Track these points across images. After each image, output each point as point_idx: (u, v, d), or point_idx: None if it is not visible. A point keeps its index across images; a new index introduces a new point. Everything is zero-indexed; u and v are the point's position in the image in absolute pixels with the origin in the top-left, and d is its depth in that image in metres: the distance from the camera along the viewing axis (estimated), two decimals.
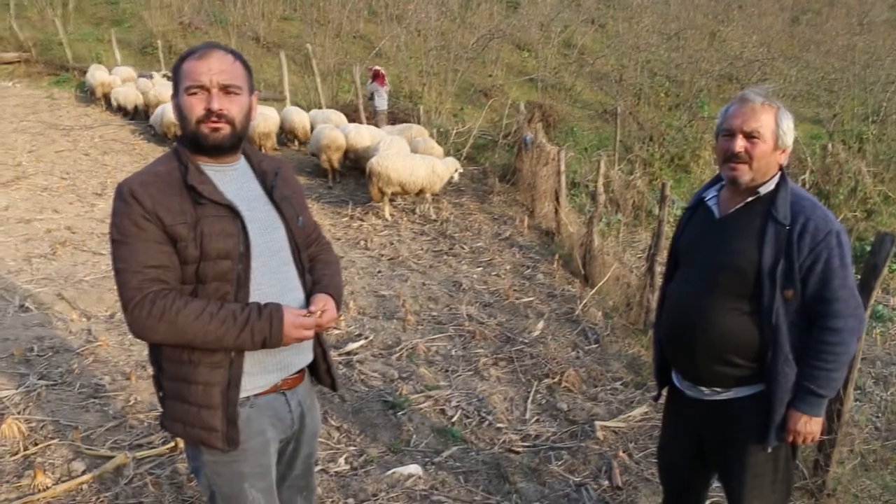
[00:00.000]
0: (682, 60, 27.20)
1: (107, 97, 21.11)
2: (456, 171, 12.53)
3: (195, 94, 2.42)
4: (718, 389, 3.10)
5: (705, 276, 3.06)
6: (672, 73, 26.78)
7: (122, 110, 20.00)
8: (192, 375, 2.45)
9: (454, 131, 18.46)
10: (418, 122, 18.29)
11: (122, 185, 2.41)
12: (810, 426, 2.94)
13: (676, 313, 3.20)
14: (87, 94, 22.21)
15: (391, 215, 12.33)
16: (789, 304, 2.88)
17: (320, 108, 19.11)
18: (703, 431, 3.24)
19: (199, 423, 2.46)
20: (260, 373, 2.56)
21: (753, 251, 2.90)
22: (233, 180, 2.58)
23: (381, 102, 19.08)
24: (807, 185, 14.66)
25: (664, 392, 3.56)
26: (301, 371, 2.75)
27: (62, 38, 26.56)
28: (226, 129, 2.46)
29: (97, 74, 21.34)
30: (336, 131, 14.63)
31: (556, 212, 11.90)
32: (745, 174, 2.94)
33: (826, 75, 27.08)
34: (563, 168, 11.82)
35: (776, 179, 2.98)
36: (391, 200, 12.52)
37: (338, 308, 2.69)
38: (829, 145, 16.53)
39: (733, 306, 2.97)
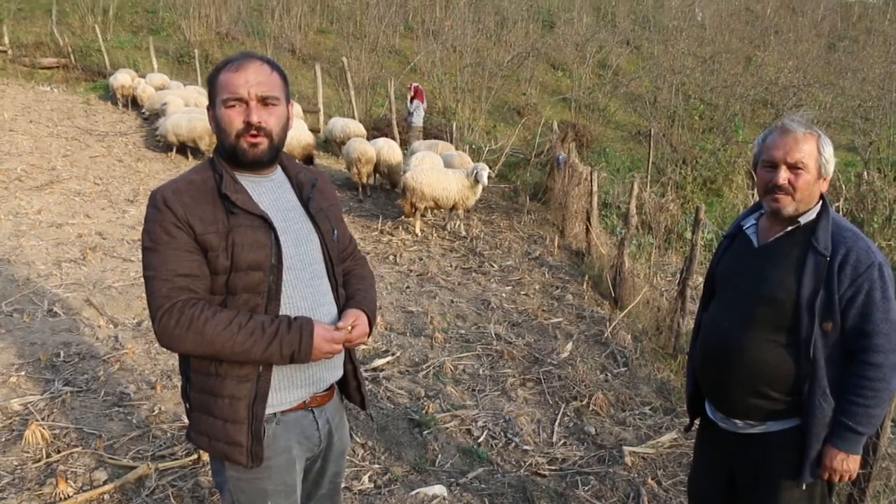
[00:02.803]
0: (716, 84, 27.12)
1: (126, 98, 22.04)
2: (481, 170, 11.90)
3: (233, 106, 2.39)
4: (752, 422, 3.02)
5: (742, 306, 2.99)
6: (706, 97, 26.69)
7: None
8: (219, 388, 2.42)
9: (486, 148, 18.46)
10: (451, 139, 18.33)
11: (155, 192, 2.39)
12: (847, 464, 2.86)
13: (711, 343, 3.13)
14: (111, 96, 22.65)
15: (421, 231, 12.31)
16: (828, 337, 2.81)
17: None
18: (735, 464, 3.17)
19: (223, 437, 2.43)
20: (288, 388, 2.52)
21: (792, 282, 2.83)
22: (269, 191, 2.56)
23: (419, 119, 19.20)
24: (840, 213, 14.46)
25: (696, 422, 3.50)
26: (331, 388, 2.71)
27: (101, 44, 26.94)
28: (264, 144, 2.44)
29: (119, 77, 21.97)
30: (366, 144, 14.75)
31: (587, 232, 11.83)
32: (788, 206, 2.88)
33: (862, 103, 26.86)
34: (595, 188, 11.76)
35: (817, 209, 2.92)
36: (422, 216, 12.49)
37: (371, 324, 2.64)
38: (865, 173, 16.34)
39: (770, 338, 2.90)
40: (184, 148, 16.52)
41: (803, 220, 2.90)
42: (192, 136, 15.98)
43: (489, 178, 12.11)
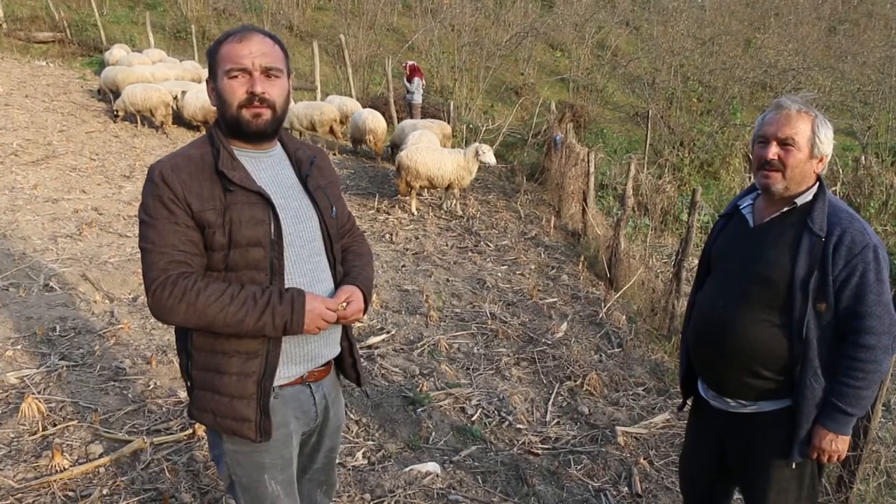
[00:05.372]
0: (715, 66, 27.00)
1: None
2: (482, 153, 11.92)
3: (236, 77, 2.38)
4: (744, 402, 3.04)
5: (736, 286, 3.00)
6: (705, 79, 26.59)
7: None
8: (225, 366, 2.42)
9: (484, 128, 18.44)
10: (448, 118, 18.35)
11: (153, 167, 2.39)
12: (836, 444, 2.87)
13: (705, 322, 3.14)
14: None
15: (417, 210, 12.30)
16: (821, 318, 2.82)
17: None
18: (727, 443, 3.19)
19: (231, 413, 2.44)
20: (287, 363, 2.52)
21: (786, 262, 2.83)
22: (268, 167, 2.55)
23: (419, 97, 19.23)
24: (835, 195, 14.40)
25: (689, 402, 3.52)
26: (328, 363, 2.72)
27: (97, 19, 26.77)
28: (267, 115, 2.44)
29: (115, 52, 21.73)
30: (329, 105, 16.58)
31: (584, 213, 11.83)
32: (777, 182, 2.88)
33: (861, 87, 26.75)
34: (592, 169, 11.74)
35: (814, 190, 2.92)
36: (418, 195, 12.49)
37: (367, 301, 2.64)
38: (862, 157, 16.32)
39: (763, 317, 2.91)
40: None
41: (799, 201, 2.91)
42: (147, 105, 16.10)
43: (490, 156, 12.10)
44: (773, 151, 2.86)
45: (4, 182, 10.70)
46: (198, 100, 16.22)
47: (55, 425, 4.74)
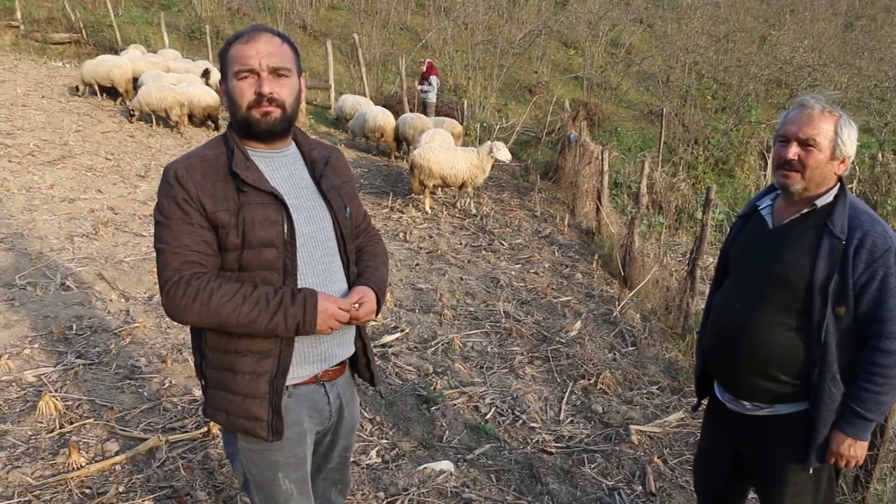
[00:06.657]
0: (730, 63, 26.89)
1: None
2: (497, 150, 11.91)
3: (245, 78, 2.39)
4: (760, 404, 3.01)
5: (754, 288, 2.97)
6: (720, 76, 26.48)
7: None
8: (238, 365, 2.43)
9: (497, 126, 18.43)
10: (462, 117, 18.39)
11: (168, 167, 2.40)
12: (854, 450, 2.83)
13: (722, 324, 3.11)
14: None
15: (431, 208, 12.31)
16: (840, 322, 2.77)
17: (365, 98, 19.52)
18: (742, 445, 3.16)
19: (243, 412, 2.45)
20: (300, 363, 2.53)
21: (806, 264, 2.79)
22: (282, 167, 2.56)
23: (434, 95, 19.29)
24: (854, 195, 14.30)
25: (703, 402, 3.50)
26: (342, 363, 2.72)
27: (112, 20, 26.86)
28: (276, 114, 2.44)
29: (130, 52, 21.73)
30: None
31: (598, 211, 11.82)
32: (796, 182, 2.85)
33: (879, 83, 26.55)
34: (606, 167, 11.74)
35: (834, 191, 2.88)
36: (432, 193, 12.49)
37: (380, 301, 2.64)
38: (879, 154, 16.21)
39: (781, 320, 2.87)
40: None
41: (819, 202, 2.87)
42: (163, 106, 16.09)
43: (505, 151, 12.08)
44: (793, 151, 2.83)
45: (22, 182, 10.74)
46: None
47: (72, 423, 4.76)
